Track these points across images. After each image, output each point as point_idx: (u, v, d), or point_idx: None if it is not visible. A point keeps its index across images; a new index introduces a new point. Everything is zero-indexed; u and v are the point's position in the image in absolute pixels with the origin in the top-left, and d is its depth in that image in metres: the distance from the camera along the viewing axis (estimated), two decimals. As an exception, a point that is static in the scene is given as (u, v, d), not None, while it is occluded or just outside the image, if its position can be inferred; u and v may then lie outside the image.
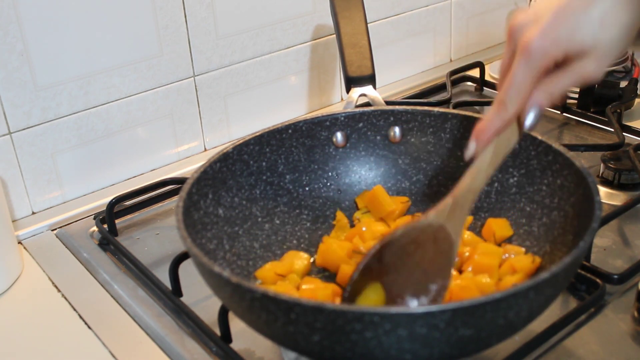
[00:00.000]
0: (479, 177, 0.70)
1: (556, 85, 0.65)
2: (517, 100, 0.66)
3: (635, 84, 1.22)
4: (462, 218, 0.70)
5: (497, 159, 0.70)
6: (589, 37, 0.63)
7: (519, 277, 0.73)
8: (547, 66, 0.65)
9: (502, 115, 0.68)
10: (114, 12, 1.02)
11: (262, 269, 0.80)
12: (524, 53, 0.65)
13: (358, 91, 1.11)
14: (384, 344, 0.56)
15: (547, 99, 0.66)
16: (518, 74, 0.65)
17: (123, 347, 0.78)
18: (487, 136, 0.69)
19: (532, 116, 0.68)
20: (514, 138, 0.71)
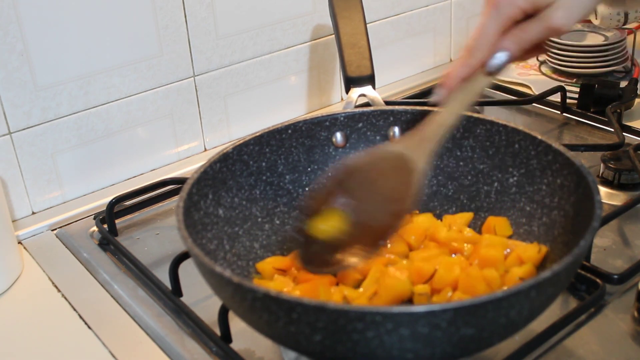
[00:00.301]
0: (446, 114, 0.72)
1: (525, 33, 0.67)
2: (485, 47, 0.69)
3: (635, 84, 1.22)
4: (426, 147, 0.71)
5: (466, 100, 0.72)
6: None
7: (526, 269, 0.73)
8: (514, 15, 0.67)
9: (469, 62, 0.70)
10: (114, 12, 1.02)
11: (263, 262, 0.80)
12: (491, 4, 0.67)
13: (357, 91, 1.11)
14: (386, 343, 0.56)
15: (514, 46, 0.68)
16: (486, 22, 0.68)
17: (123, 347, 0.78)
18: (454, 82, 0.72)
19: (497, 59, 0.69)
20: (482, 82, 0.72)
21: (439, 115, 0.72)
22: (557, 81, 1.32)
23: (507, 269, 0.75)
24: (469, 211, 0.86)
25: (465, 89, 0.71)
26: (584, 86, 1.22)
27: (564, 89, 1.23)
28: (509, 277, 0.73)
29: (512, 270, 0.74)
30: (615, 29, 1.34)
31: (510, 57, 0.69)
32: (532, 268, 0.74)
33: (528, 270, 0.73)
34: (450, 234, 0.81)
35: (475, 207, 0.86)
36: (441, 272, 0.74)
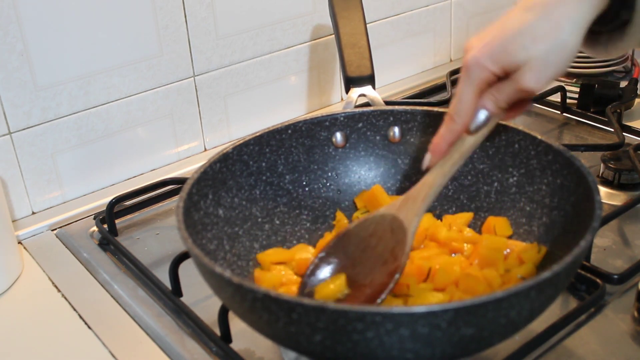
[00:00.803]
0: (434, 175, 0.75)
1: (499, 92, 0.70)
2: (464, 111, 0.72)
3: (635, 84, 1.22)
4: (414, 208, 0.74)
5: (454, 161, 0.75)
6: (520, 51, 0.67)
7: (526, 268, 0.74)
8: (486, 78, 0.69)
9: (452, 128, 0.73)
10: (114, 12, 1.02)
11: (264, 254, 0.81)
12: (464, 69, 0.70)
13: (357, 91, 1.11)
14: (386, 343, 0.56)
15: (491, 105, 0.71)
16: (461, 88, 0.71)
17: (123, 347, 0.78)
18: (442, 149, 0.74)
19: (478, 119, 0.72)
20: (469, 141, 0.74)
21: (429, 177, 0.75)
22: (557, 81, 1.32)
23: (507, 269, 0.75)
24: (469, 211, 0.86)
25: (453, 150, 0.74)
26: (584, 86, 1.22)
27: (564, 89, 1.23)
28: (509, 277, 0.73)
29: (512, 270, 0.74)
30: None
31: (490, 116, 0.72)
32: (532, 268, 0.74)
33: (528, 270, 0.73)
34: (450, 234, 0.81)
35: (475, 207, 0.86)
36: (441, 272, 0.74)
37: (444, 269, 0.74)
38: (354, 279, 0.74)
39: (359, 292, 0.73)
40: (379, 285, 0.71)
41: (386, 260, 0.73)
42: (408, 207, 0.75)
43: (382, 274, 0.72)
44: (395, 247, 0.73)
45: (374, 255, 0.74)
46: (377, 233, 0.76)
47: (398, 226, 0.74)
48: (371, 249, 0.75)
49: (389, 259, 0.73)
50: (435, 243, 0.82)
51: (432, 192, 0.74)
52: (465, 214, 0.85)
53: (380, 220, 0.76)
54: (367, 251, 0.75)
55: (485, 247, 0.77)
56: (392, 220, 0.75)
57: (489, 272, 0.73)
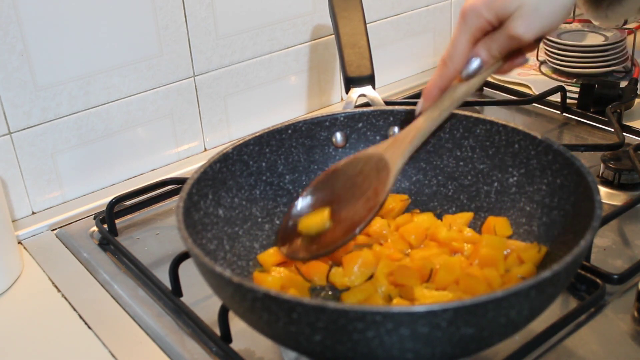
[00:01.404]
0: (423, 119, 0.77)
1: (492, 41, 0.72)
2: (458, 57, 0.74)
3: (635, 84, 1.22)
4: (400, 148, 0.77)
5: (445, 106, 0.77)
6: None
7: (526, 268, 0.74)
8: (481, 26, 0.71)
9: (444, 73, 0.75)
10: (114, 12, 1.02)
11: (265, 254, 0.81)
12: (461, 16, 0.73)
13: (357, 91, 1.11)
14: (386, 343, 0.56)
15: (484, 52, 0.73)
16: (456, 35, 0.73)
17: (123, 347, 0.78)
18: (433, 94, 0.77)
19: (471, 66, 0.74)
20: (460, 89, 0.77)
21: (419, 121, 0.77)
22: (557, 81, 1.32)
23: (507, 269, 0.75)
24: (469, 211, 0.86)
25: (444, 96, 0.77)
26: (584, 86, 1.22)
27: (564, 89, 1.23)
28: (509, 277, 0.73)
29: (512, 270, 0.74)
30: (615, 29, 1.34)
31: (482, 63, 0.74)
32: (532, 267, 0.74)
33: (528, 270, 0.73)
34: (450, 234, 0.81)
35: (475, 207, 0.86)
36: (441, 272, 0.74)
37: (444, 269, 0.74)
38: (338, 213, 0.78)
39: (340, 226, 0.76)
40: (358, 219, 0.74)
41: (369, 197, 0.76)
42: (395, 148, 0.77)
43: (363, 209, 0.75)
44: (378, 185, 0.75)
45: (359, 192, 0.77)
46: (364, 172, 0.78)
47: (383, 166, 0.76)
48: (357, 186, 0.78)
49: (371, 195, 0.75)
50: (435, 243, 0.82)
51: (419, 134, 0.76)
52: (465, 214, 0.85)
53: (367, 160, 0.79)
54: (352, 188, 0.78)
55: (485, 247, 0.77)
56: (379, 159, 0.77)
57: (489, 272, 0.73)
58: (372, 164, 0.78)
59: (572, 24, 1.40)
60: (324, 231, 0.77)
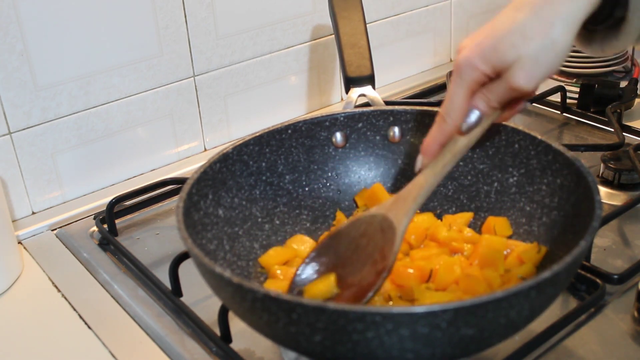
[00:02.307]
0: (425, 175, 0.75)
1: (491, 92, 0.70)
2: (455, 112, 0.72)
3: (635, 84, 1.22)
4: (404, 208, 0.74)
5: (445, 161, 0.74)
6: (510, 50, 0.67)
7: (526, 268, 0.74)
8: (477, 79, 0.70)
9: (443, 129, 0.73)
10: (114, 12, 1.02)
11: (266, 255, 0.81)
12: (456, 70, 0.70)
13: (357, 91, 1.11)
14: (386, 343, 0.56)
15: (483, 105, 0.71)
16: (452, 88, 0.71)
17: (123, 347, 0.78)
18: (433, 150, 0.74)
19: (469, 119, 0.72)
20: (460, 143, 0.74)
21: (421, 177, 0.75)
22: (557, 81, 1.32)
23: (507, 269, 0.75)
24: (469, 211, 0.86)
25: (445, 151, 0.74)
26: (584, 86, 1.22)
27: (564, 89, 1.23)
28: (509, 277, 0.73)
29: (512, 270, 0.74)
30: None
31: (481, 116, 0.72)
32: (532, 268, 0.74)
33: (528, 270, 0.73)
34: (450, 234, 0.81)
35: (475, 207, 0.86)
36: (441, 272, 0.74)
37: (444, 269, 0.74)
38: (344, 278, 0.74)
39: (348, 292, 0.72)
40: (367, 285, 0.71)
41: (375, 260, 0.73)
42: (398, 207, 0.74)
43: (370, 273, 0.72)
44: (385, 246, 0.73)
45: (364, 255, 0.74)
46: (368, 233, 0.75)
47: (388, 226, 0.74)
48: (362, 248, 0.75)
49: (378, 258, 0.72)
50: (435, 243, 0.82)
51: (422, 192, 0.74)
52: (465, 214, 0.85)
53: (370, 220, 0.76)
54: (357, 251, 0.75)
55: (485, 247, 0.77)
56: (382, 220, 0.74)
57: (489, 272, 0.73)
58: (375, 225, 0.75)
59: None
60: (332, 297, 0.74)
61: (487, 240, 0.78)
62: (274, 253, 0.81)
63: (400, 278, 0.74)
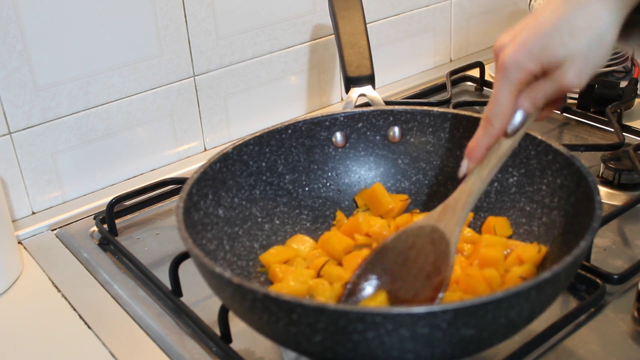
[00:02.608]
0: (471, 181, 0.72)
1: (538, 92, 0.68)
2: (502, 114, 0.69)
3: (635, 84, 1.22)
4: (455, 217, 0.71)
5: (492, 165, 0.72)
6: (560, 48, 0.65)
7: (526, 268, 0.74)
8: (524, 79, 0.67)
9: (489, 132, 0.71)
10: (114, 12, 1.02)
11: (267, 253, 0.81)
12: (501, 70, 0.68)
13: (357, 91, 1.11)
14: (386, 344, 0.56)
15: (529, 105, 0.69)
16: (498, 90, 0.69)
17: (123, 347, 0.78)
18: (479, 154, 0.72)
19: (516, 120, 0.70)
20: (506, 145, 0.72)
21: (467, 184, 0.72)
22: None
23: (507, 269, 0.75)
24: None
25: (490, 154, 0.72)
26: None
27: (564, 88, 1.22)
28: (509, 277, 0.73)
29: (512, 270, 0.74)
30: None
31: (527, 117, 0.70)
32: (532, 268, 0.74)
33: (528, 270, 0.73)
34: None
35: (475, 207, 0.86)
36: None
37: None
38: (396, 294, 0.71)
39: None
40: (424, 300, 0.69)
41: (429, 273, 0.70)
42: (448, 216, 0.72)
43: (426, 288, 0.69)
44: (437, 259, 0.70)
45: (415, 268, 0.71)
46: (417, 245, 0.72)
47: (439, 237, 0.71)
48: (411, 262, 0.72)
49: (431, 272, 0.70)
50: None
51: (471, 199, 0.72)
52: (465, 214, 0.85)
53: (418, 232, 0.73)
54: (406, 265, 0.72)
55: (485, 247, 0.77)
56: (432, 231, 0.72)
57: (489, 272, 0.73)
58: (424, 237, 0.72)
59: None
60: None
61: (487, 240, 0.78)
62: (274, 251, 0.81)
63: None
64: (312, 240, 0.84)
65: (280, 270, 0.78)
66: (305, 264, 0.80)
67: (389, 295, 0.71)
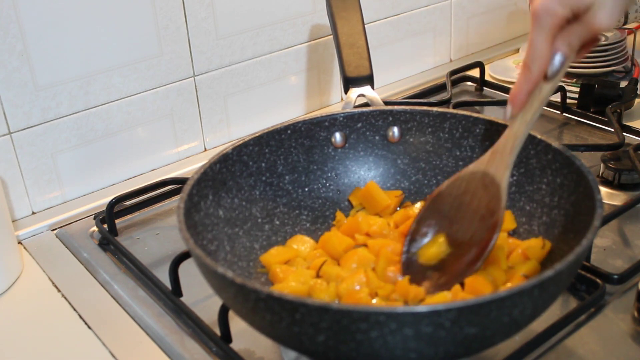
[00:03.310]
0: (516, 125, 0.76)
1: (572, 35, 0.72)
2: (540, 60, 0.73)
3: (635, 84, 1.22)
4: (503, 161, 0.75)
5: (535, 109, 0.75)
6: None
7: (529, 266, 0.74)
8: (557, 24, 0.71)
9: (528, 78, 0.74)
10: (114, 12, 1.02)
11: (268, 254, 0.81)
12: (534, 17, 0.71)
13: (356, 91, 1.10)
14: (390, 343, 0.56)
15: (566, 48, 0.72)
16: (533, 36, 0.72)
17: (123, 347, 0.78)
18: (522, 99, 0.75)
19: (555, 64, 0.73)
20: (546, 88, 0.75)
21: (513, 129, 0.76)
22: (557, 81, 1.32)
23: (511, 266, 0.75)
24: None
25: (532, 99, 0.75)
26: (584, 86, 1.22)
27: (564, 89, 1.23)
28: (513, 275, 0.73)
29: (515, 267, 0.74)
30: (615, 29, 1.34)
31: (565, 59, 0.73)
32: (536, 265, 0.74)
33: (532, 268, 0.73)
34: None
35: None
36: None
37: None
38: (454, 237, 0.76)
39: (462, 250, 0.75)
40: (480, 241, 0.73)
41: (483, 215, 0.75)
42: (497, 161, 0.76)
43: (481, 229, 0.74)
44: (490, 202, 0.75)
45: (470, 211, 0.76)
46: (470, 190, 0.77)
47: (490, 181, 0.75)
48: (466, 205, 0.77)
49: (485, 214, 0.75)
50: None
51: (518, 143, 0.75)
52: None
53: (470, 178, 0.78)
54: (462, 208, 0.77)
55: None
56: (483, 176, 0.76)
57: (492, 270, 0.73)
58: (476, 182, 0.77)
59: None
60: (446, 257, 0.76)
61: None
62: (275, 252, 0.81)
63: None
64: (312, 240, 0.84)
65: (280, 271, 0.78)
66: (305, 264, 0.80)
67: (447, 238, 0.77)
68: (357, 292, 0.72)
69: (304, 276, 0.76)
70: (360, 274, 0.74)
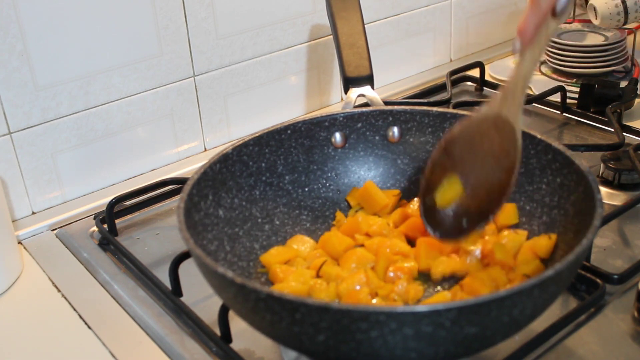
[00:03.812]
0: (525, 63, 0.75)
1: None
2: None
3: (635, 84, 1.22)
4: (517, 101, 0.75)
5: (541, 46, 0.75)
6: None
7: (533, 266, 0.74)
8: None
9: (537, 12, 0.74)
10: (114, 12, 1.02)
11: (268, 254, 0.81)
12: None
13: (356, 91, 1.10)
14: (390, 343, 0.56)
15: None
16: None
17: (123, 347, 0.78)
18: (530, 33, 0.74)
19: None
20: (551, 26, 0.75)
21: (521, 67, 0.75)
22: (557, 81, 1.32)
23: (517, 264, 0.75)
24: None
25: (539, 35, 0.75)
26: (584, 86, 1.22)
27: (564, 89, 1.23)
28: (514, 275, 0.74)
29: (520, 267, 0.74)
30: (615, 29, 1.34)
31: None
32: (540, 265, 0.74)
33: (535, 267, 0.74)
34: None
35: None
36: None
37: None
38: (468, 178, 0.76)
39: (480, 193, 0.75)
40: (497, 182, 0.73)
41: (498, 157, 0.74)
42: (509, 102, 0.75)
43: (497, 171, 0.74)
44: (504, 142, 0.74)
45: (482, 153, 0.76)
46: (481, 131, 0.77)
47: (503, 123, 0.75)
48: (478, 147, 0.77)
49: (500, 155, 0.74)
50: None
51: (527, 82, 0.75)
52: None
53: (482, 121, 0.77)
54: (474, 150, 0.77)
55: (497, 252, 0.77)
56: (496, 117, 0.75)
57: (493, 270, 0.73)
58: (489, 124, 0.76)
59: (572, 24, 1.40)
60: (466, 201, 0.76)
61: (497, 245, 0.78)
62: (275, 252, 0.81)
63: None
64: (312, 240, 0.84)
65: (281, 271, 0.78)
66: (305, 264, 0.80)
67: (462, 178, 0.77)
68: (357, 292, 0.72)
69: (304, 276, 0.76)
70: (360, 274, 0.74)
